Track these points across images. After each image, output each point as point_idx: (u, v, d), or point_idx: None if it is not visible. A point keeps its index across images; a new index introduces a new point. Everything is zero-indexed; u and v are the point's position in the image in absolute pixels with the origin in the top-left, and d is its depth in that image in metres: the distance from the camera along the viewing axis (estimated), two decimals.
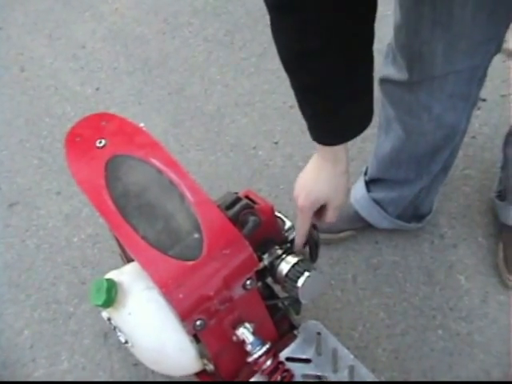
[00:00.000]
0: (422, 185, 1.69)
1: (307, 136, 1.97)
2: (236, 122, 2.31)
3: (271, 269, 1.21)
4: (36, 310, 1.89)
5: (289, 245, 1.25)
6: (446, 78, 1.32)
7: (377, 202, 1.78)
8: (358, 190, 1.82)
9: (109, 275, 1.21)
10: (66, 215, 2.12)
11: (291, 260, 1.19)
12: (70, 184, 2.18)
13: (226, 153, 2.21)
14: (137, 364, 1.69)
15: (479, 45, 1.24)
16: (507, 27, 1.27)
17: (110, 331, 1.76)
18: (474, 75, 1.34)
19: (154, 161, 1.16)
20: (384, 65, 1.45)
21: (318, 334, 1.35)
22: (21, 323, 1.87)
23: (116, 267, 1.30)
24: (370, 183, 1.79)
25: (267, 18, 0.92)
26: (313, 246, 1.31)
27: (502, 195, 1.79)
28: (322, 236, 1.80)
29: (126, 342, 1.22)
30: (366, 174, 1.81)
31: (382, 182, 1.75)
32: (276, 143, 2.20)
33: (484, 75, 1.38)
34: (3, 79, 2.70)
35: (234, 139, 2.25)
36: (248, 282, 1.11)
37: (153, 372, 1.64)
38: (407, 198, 1.73)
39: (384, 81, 1.49)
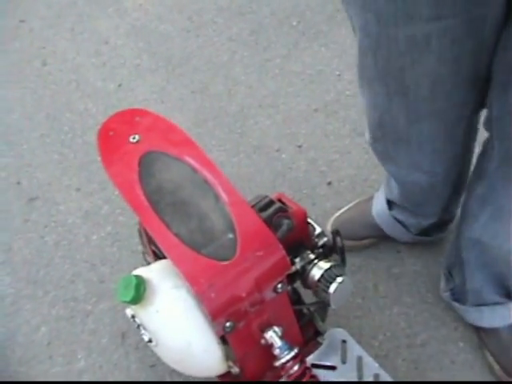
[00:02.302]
0: (438, 211, 1.68)
1: (331, 140, 1.97)
2: (259, 124, 2.29)
3: (302, 273, 1.20)
4: (54, 307, 1.88)
5: (321, 250, 1.24)
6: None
7: (398, 220, 1.75)
8: (380, 204, 1.79)
9: (137, 272, 1.19)
10: (85, 212, 2.11)
11: (324, 265, 1.18)
12: (90, 181, 2.17)
13: (248, 154, 2.19)
14: (154, 365, 1.68)
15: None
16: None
17: (128, 331, 1.75)
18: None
19: (188, 159, 1.15)
20: None
21: (344, 341, 1.33)
22: (38, 320, 1.85)
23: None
24: (390, 202, 1.76)
25: (292, 18, 0.96)
26: (338, 252, 1.29)
27: (456, 296, 1.65)
28: (345, 243, 1.79)
29: (150, 341, 1.20)
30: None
31: (400, 206, 1.73)
32: (299, 147, 2.18)
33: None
34: (25, 72, 2.70)
35: (257, 141, 2.23)
36: (279, 286, 1.10)
37: (170, 374, 1.63)
38: (426, 222, 1.72)
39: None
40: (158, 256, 1.31)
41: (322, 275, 1.17)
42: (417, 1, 0.94)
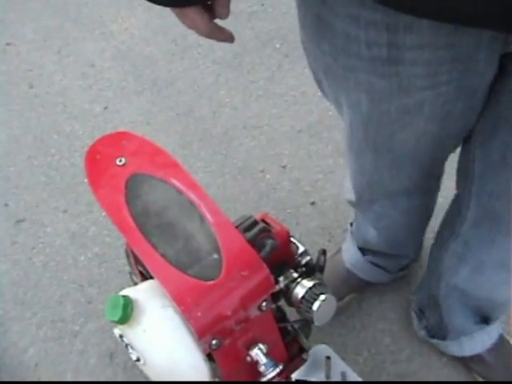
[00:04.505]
0: (416, 248, 1.74)
1: (314, 160, 1.99)
2: (244, 145, 2.32)
3: (286, 292, 1.22)
4: (42, 328, 1.89)
5: (304, 269, 1.26)
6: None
7: (375, 264, 1.74)
8: (352, 253, 1.77)
9: (124, 292, 1.21)
10: (72, 233, 2.12)
11: (307, 284, 1.20)
12: (78, 202, 2.19)
13: (233, 175, 2.22)
14: None
15: None
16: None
17: (115, 351, 1.76)
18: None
19: (174, 181, 1.17)
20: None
21: (328, 358, 1.35)
22: (26, 341, 1.87)
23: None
24: (363, 250, 1.74)
25: (275, 41, 0.95)
26: (319, 269, 1.31)
27: (433, 332, 1.67)
28: None
29: (138, 360, 1.21)
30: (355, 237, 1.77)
31: (376, 252, 1.71)
32: (283, 167, 2.21)
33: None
34: (12, 95, 2.71)
35: (242, 162, 2.26)
36: (264, 304, 1.11)
37: None
38: (405, 261, 1.76)
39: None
40: (145, 276, 1.32)
41: (306, 293, 1.18)
42: (411, 74, 0.89)
